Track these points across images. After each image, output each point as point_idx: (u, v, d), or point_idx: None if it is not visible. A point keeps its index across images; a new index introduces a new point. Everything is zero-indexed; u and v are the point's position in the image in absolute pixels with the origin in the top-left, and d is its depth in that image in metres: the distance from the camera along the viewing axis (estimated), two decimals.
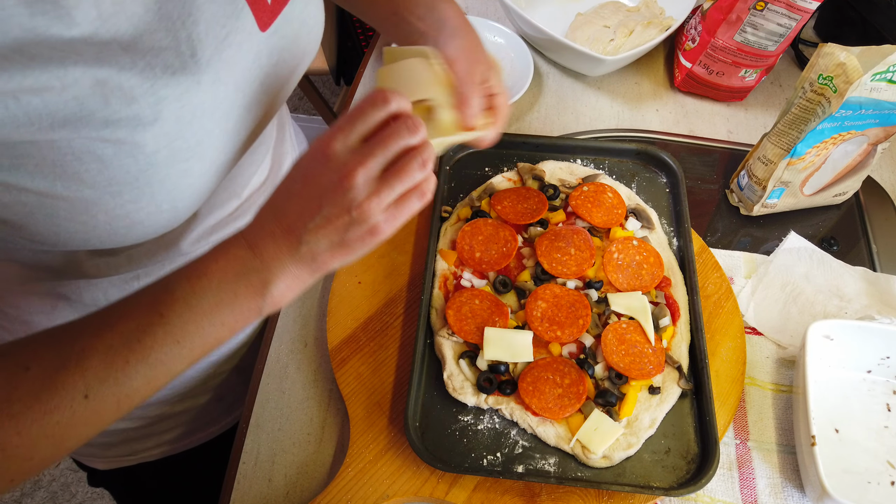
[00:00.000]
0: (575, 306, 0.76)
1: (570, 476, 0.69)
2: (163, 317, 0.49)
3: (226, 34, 0.53)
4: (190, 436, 0.90)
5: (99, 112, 0.46)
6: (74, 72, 0.44)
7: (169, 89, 0.49)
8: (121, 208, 0.52)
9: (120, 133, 0.48)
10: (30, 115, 0.43)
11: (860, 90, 0.76)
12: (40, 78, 0.43)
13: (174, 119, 0.50)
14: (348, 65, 1.98)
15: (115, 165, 0.49)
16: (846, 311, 0.82)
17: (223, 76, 0.53)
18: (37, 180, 0.47)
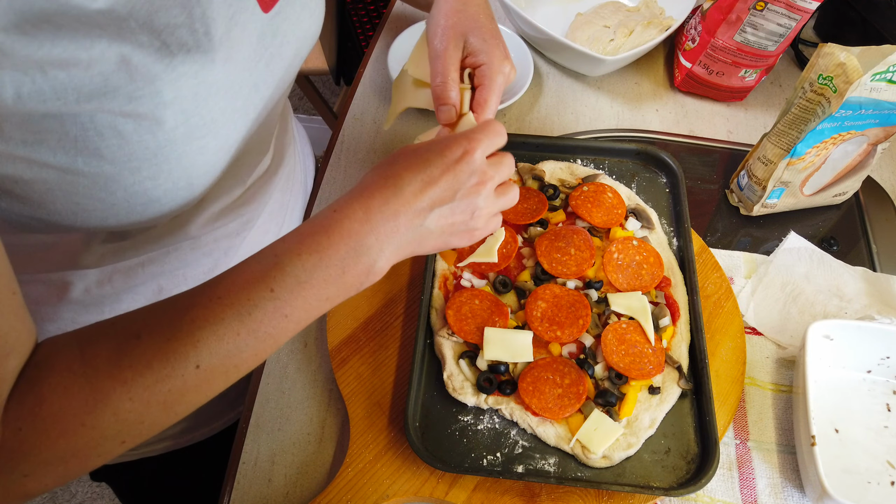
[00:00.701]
0: (575, 306, 0.76)
1: (569, 476, 0.69)
2: (273, 292, 0.50)
3: (233, 13, 0.54)
4: (193, 431, 0.90)
5: (123, 88, 0.47)
6: (100, 45, 0.45)
7: (186, 66, 0.50)
8: (139, 185, 0.52)
9: (141, 109, 0.49)
10: (56, 90, 0.44)
11: (860, 90, 0.76)
12: (68, 48, 0.43)
13: (191, 96, 0.51)
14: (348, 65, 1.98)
15: (135, 141, 0.50)
16: (846, 311, 0.82)
17: (233, 55, 0.55)
18: (58, 155, 0.48)
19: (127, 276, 0.69)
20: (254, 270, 0.51)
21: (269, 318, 0.50)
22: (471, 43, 0.68)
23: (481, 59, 0.68)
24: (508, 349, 0.73)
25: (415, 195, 0.54)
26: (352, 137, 1.02)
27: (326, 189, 0.95)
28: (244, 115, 0.59)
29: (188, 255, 0.72)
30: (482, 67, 0.68)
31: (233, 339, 0.49)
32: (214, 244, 0.74)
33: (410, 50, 1.08)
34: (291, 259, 0.51)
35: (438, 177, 0.54)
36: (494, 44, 0.68)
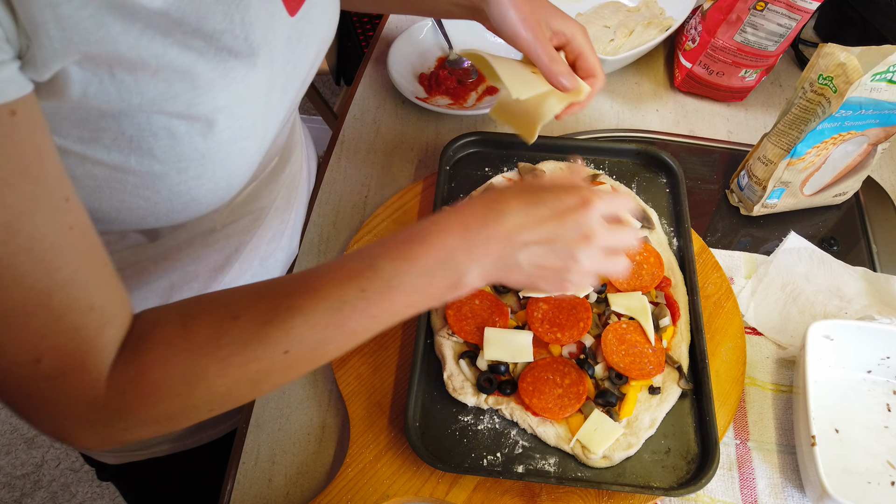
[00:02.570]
0: (576, 308, 0.76)
1: (570, 476, 0.69)
2: (364, 291, 0.52)
3: (267, 17, 0.55)
4: (200, 432, 0.90)
5: (185, 94, 0.49)
6: (171, 51, 0.46)
7: (235, 71, 0.52)
8: (184, 184, 0.54)
9: (198, 113, 0.50)
10: (121, 92, 0.46)
11: (860, 90, 0.76)
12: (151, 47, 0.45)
13: (238, 99, 0.53)
14: (348, 65, 1.98)
15: (186, 143, 0.51)
16: (846, 311, 0.82)
17: (269, 59, 0.56)
18: (112, 153, 0.50)
19: (139, 272, 0.70)
20: (349, 268, 0.53)
21: (358, 315, 0.52)
22: (553, 24, 0.71)
23: (566, 36, 0.71)
24: (508, 349, 0.73)
25: (516, 227, 0.54)
26: (352, 137, 1.02)
27: (326, 189, 0.95)
28: (276, 116, 0.61)
29: (200, 252, 0.72)
30: (571, 43, 0.72)
31: (321, 331, 0.51)
32: (225, 241, 0.74)
33: (410, 50, 1.08)
34: (385, 262, 0.53)
35: (545, 218, 0.55)
36: (568, 19, 0.72)
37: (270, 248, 0.83)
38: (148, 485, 0.99)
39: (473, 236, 0.54)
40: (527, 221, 0.54)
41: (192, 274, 0.74)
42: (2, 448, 1.97)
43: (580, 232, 0.55)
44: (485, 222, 0.54)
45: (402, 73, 1.05)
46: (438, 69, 1.08)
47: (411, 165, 0.98)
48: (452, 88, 1.05)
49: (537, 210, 0.55)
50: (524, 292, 0.78)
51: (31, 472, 1.93)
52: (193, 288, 0.75)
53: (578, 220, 0.55)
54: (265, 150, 0.61)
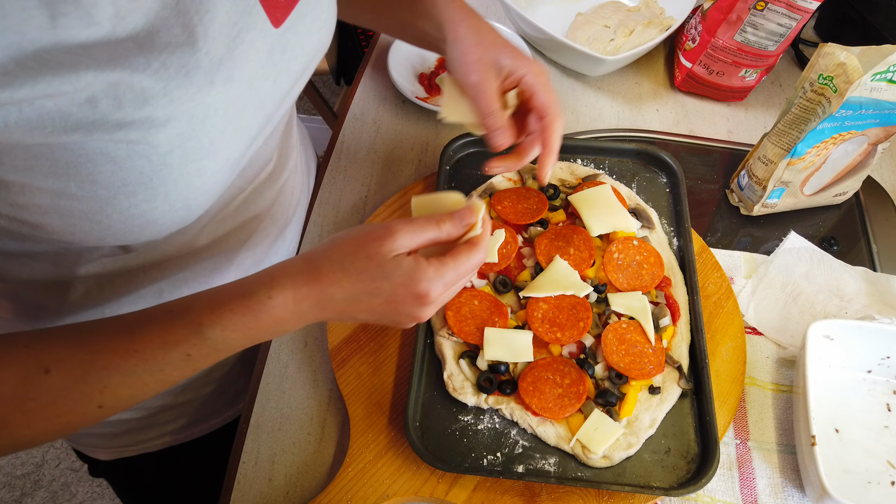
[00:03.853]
0: (576, 308, 0.76)
1: (570, 476, 0.69)
2: (189, 356, 0.52)
3: (238, 31, 0.53)
4: (192, 427, 0.90)
5: (112, 115, 0.46)
6: (87, 76, 0.44)
7: (182, 90, 0.49)
8: (135, 208, 0.52)
9: (133, 135, 0.48)
10: (42, 118, 0.44)
11: (860, 90, 0.76)
12: (52, 83, 0.43)
13: (187, 119, 0.50)
14: (348, 65, 1.98)
15: (129, 167, 0.49)
16: (846, 311, 0.82)
17: (236, 74, 0.54)
18: (50, 181, 0.48)
19: (128, 280, 0.69)
20: (175, 333, 0.52)
21: (180, 372, 0.53)
22: (504, 66, 0.69)
23: (520, 73, 0.69)
24: (508, 349, 0.73)
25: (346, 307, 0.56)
26: (352, 137, 1.02)
27: (327, 189, 0.95)
28: (246, 133, 0.58)
29: (188, 261, 0.72)
30: (522, 84, 0.70)
31: (140, 388, 0.52)
32: (216, 249, 0.74)
33: (410, 50, 1.08)
34: (214, 332, 0.52)
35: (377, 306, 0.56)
36: (521, 56, 0.70)
37: (265, 253, 0.82)
38: (142, 481, 0.99)
39: (304, 309, 0.55)
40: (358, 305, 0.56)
41: (181, 279, 0.73)
42: None
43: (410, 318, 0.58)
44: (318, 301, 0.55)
45: (402, 73, 1.05)
46: (438, 69, 1.08)
47: (411, 165, 0.98)
48: None
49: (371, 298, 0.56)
50: (524, 293, 0.78)
51: (31, 471, 1.93)
52: (184, 292, 0.73)
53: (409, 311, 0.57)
54: (231, 169, 0.58)
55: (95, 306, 0.70)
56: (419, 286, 0.55)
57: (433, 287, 0.56)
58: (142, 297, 0.72)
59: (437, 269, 0.56)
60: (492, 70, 0.69)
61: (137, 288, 0.71)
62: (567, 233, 0.82)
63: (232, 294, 0.54)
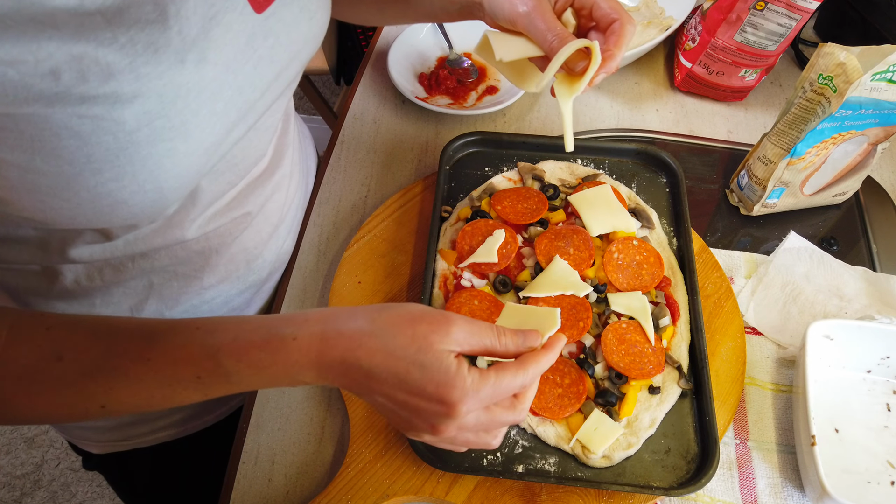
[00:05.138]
0: (576, 308, 0.76)
1: (569, 476, 0.69)
2: (199, 380, 0.51)
3: (214, 13, 0.52)
4: (185, 423, 0.90)
5: (75, 88, 0.46)
6: (49, 46, 0.44)
7: (150, 66, 0.48)
8: (102, 186, 0.51)
9: (97, 109, 0.47)
10: (5, 87, 0.43)
11: (860, 90, 0.76)
12: (11, 51, 0.42)
13: (156, 97, 0.50)
14: (348, 65, 1.98)
15: (94, 142, 0.49)
16: (846, 311, 0.82)
17: (211, 56, 0.53)
18: (16, 154, 0.47)
19: (117, 270, 0.69)
20: (190, 351, 0.51)
21: (188, 393, 0.52)
22: None
23: None
24: None
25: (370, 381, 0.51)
26: (352, 137, 1.02)
27: (326, 188, 0.95)
28: (224, 118, 0.57)
29: (179, 253, 0.71)
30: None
31: (146, 398, 0.52)
32: (206, 243, 0.73)
33: (410, 50, 1.08)
34: (229, 362, 0.51)
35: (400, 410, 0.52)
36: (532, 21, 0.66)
37: (258, 250, 0.81)
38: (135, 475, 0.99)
39: (325, 367, 0.51)
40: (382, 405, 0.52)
41: (171, 273, 0.73)
42: (2, 448, 1.97)
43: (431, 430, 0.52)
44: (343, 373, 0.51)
45: (402, 73, 1.06)
46: (438, 69, 1.08)
47: (411, 165, 0.98)
48: (452, 88, 1.05)
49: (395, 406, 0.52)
50: (524, 293, 0.78)
51: (31, 471, 1.93)
52: (174, 287, 0.74)
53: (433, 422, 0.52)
54: (207, 153, 0.57)
55: (86, 294, 0.70)
56: (451, 393, 0.50)
57: (465, 400, 0.50)
58: (131, 287, 0.71)
59: (476, 381, 0.51)
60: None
61: (126, 278, 0.70)
62: (567, 233, 0.82)
63: (259, 325, 0.52)
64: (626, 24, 0.65)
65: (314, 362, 0.51)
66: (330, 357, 0.51)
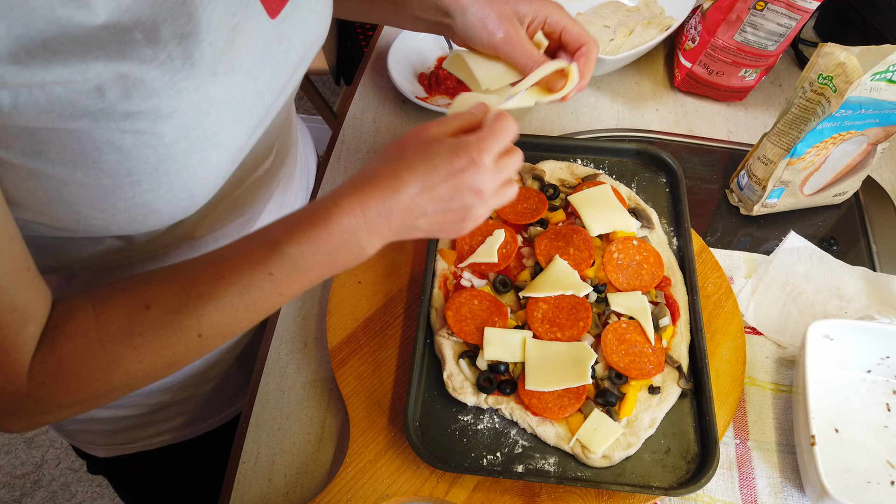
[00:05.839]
0: (576, 308, 0.76)
1: (569, 476, 0.69)
2: (272, 275, 0.54)
3: (236, 22, 0.54)
4: (190, 426, 0.90)
5: (119, 104, 0.47)
6: (96, 66, 0.45)
7: (187, 81, 0.50)
8: (139, 197, 0.54)
9: (139, 125, 0.49)
10: (52, 103, 0.45)
11: (860, 90, 0.76)
12: (62, 73, 0.44)
13: (192, 110, 0.52)
14: (348, 65, 1.98)
15: (134, 156, 0.51)
16: (846, 310, 0.82)
17: (235, 65, 0.55)
18: (57, 167, 0.49)
19: (125, 273, 0.69)
20: (255, 253, 0.54)
21: (266, 296, 0.55)
22: (523, 12, 0.70)
23: (542, 14, 0.71)
24: (508, 349, 0.73)
25: (411, 198, 0.55)
26: (352, 137, 1.02)
27: (326, 188, 0.95)
28: (247, 124, 0.59)
29: (187, 253, 0.72)
30: (549, 19, 0.71)
31: (232, 313, 0.54)
32: (214, 243, 0.74)
33: (410, 50, 1.08)
34: (290, 247, 0.54)
35: (439, 183, 0.56)
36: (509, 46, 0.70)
37: None
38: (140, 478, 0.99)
39: (372, 215, 0.55)
40: (421, 189, 0.55)
41: None
42: (2, 448, 1.97)
43: (472, 191, 0.57)
44: (382, 198, 0.55)
45: (402, 73, 1.06)
46: (438, 69, 1.08)
47: None
48: (452, 88, 1.05)
49: (430, 177, 0.55)
50: (524, 292, 0.78)
51: (30, 471, 1.93)
52: None
53: (470, 182, 0.56)
54: (233, 159, 0.60)
55: None
56: (470, 150, 0.56)
57: (483, 149, 0.56)
58: None
59: (477, 134, 0.57)
60: (514, 20, 0.70)
61: None
62: (567, 233, 0.82)
63: (302, 211, 0.56)
64: (594, 49, 0.71)
65: (362, 220, 0.55)
66: (373, 206, 0.55)
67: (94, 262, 0.67)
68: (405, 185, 0.55)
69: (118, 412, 0.83)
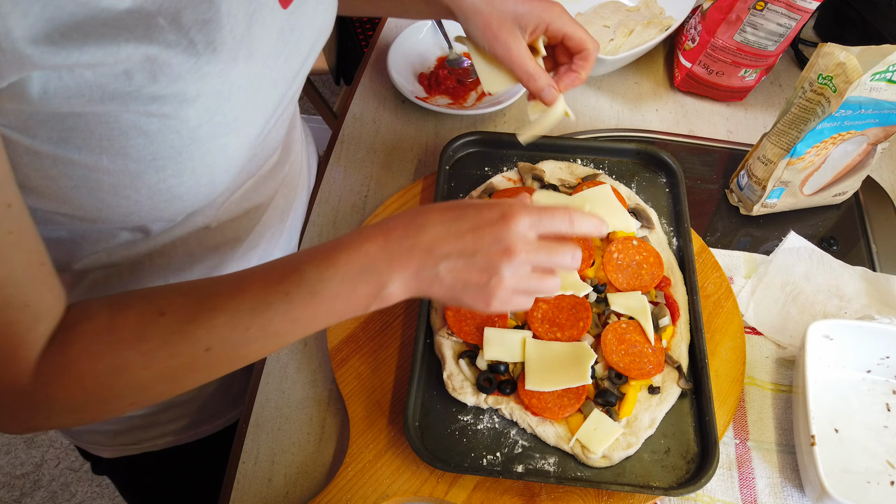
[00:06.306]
0: (576, 308, 0.76)
1: (569, 476, 0.69)
2: (287, 295, 0.53)
3: (253, 10, 0.54)
4: (195, 427, 0.90)
5: (147, 88, 0.48)
6: (127, 48, 0.46)
7: (211, 66, 0.51)
8: (163, 182, 0.54)
9: (166, 108, 0.50)
10: (81, 87, 0.45)
11: (860, 90, 0.76)
12: (96, 54, 0.45)
13: (215, 94, 0.52)
14: (348, 65, 1.98)
15: (160, 140, 0.51)
16: (846, 310, 0.82)
17: (254, 52, 0.55)
18: (84, 153, 0.50)
19: (133, 269, 0.70)
20: (275, 272, 0.55)
21: (280, 318, 0.53)
22: (524, 20, 0.70)
23: (543, 21, 0.71)
24: (508, 349, 0.73)
25: (434, 239, 0.55)
26: (352, 137, 1.02)
27: (326, 188, 0.95)
28: (263, 111, 0.60)
29: (195, 249, 0.72)
30: (551, 26, 0.71)
31: (244, 331, 0.53)
32: (221, 238, 0.74)
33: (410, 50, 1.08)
34: (309, 268, 0.54)
35: (464, 232, 0.55)
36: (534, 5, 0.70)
37: (269, 246, 0.83)
38: (144, 479, 0.99)
39: (394, 246, 0.54)
40: (446, 233, 0.55)
41: (187, 272, 0.74)
42: (2, 448, 1.97)
43: (500, 246, 0.54)
44: (405, 233, 0.55)
45: (402, 73, 1.06)
46: (438, 69, 1.08)
47: (411, 165, 0.98)
48: (452, 88, 1.05)
49: (457, 223, 0.55)
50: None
51: (30, 471, 1.93)
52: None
53: (497, 234, 0.54)
54: (251, 146, 0.61)
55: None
56: (503, 205, 0.55)
57: (518, 208, 0.54)
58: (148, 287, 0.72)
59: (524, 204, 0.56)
60: (515, 30, 0.70)
61: (142, 277, 0.71)
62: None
63: (329, 241, 0.57)
64: (594, 52, 0.73)
65: (383, 249, 0.54)
66: (396, 235, 0.55)
67: (105, 259, 0.67)
68: (430, 223, 0.55)
69: None
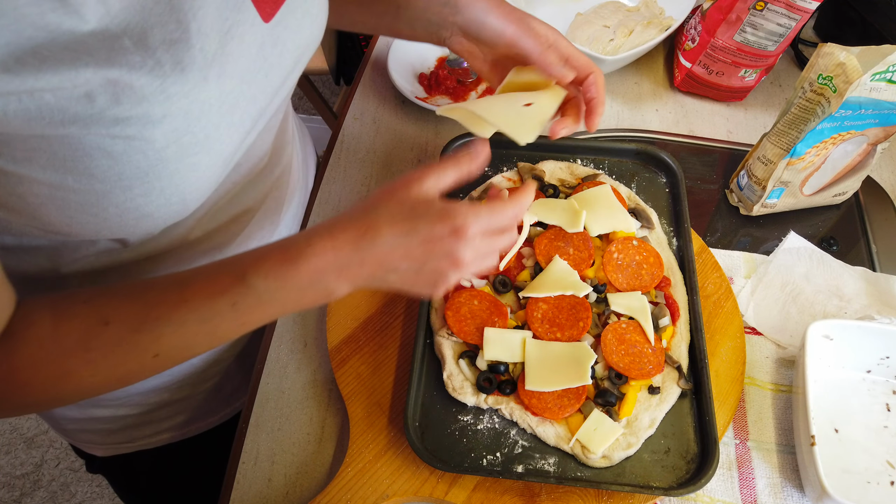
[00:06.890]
0: (576, 308, 0.76)
1: (569, 476, 0.69)
2: (235, 305, 0.53)
3: (228, 27, 0.53)
4: (189, 425, 0.90)
5: (109, 110, 0.47)
6: (86, 73, 0.45)
7: (178, 86, 0.50)
8: (131, 202, 0.53)
9: (130, 130, 0.49)
10: (41, 110, 0.45)
11: (860, 90, 0.76)
12: (52, 80, 0.44)
13: (183, 115, 0.51)
14: (348, 65, 1.98)
15: (125, 161, 0.50)
16: (846, 311, 0.82)
17: (228, 69, 0.54)
18: (48, 173, 0.49)
19: (121, 274, 0.69)
20: (220, 282, 0.54)
21: (227, 324, 0.54)
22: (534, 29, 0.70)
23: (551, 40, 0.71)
24: (508, 349, 0.73)
25: (385, 253, 0.54)
26: (352, 137, 1.02)
27: (326, 188, 0.95)
28: (240, 128, 0.59)
29: (182, 254, 0.72)
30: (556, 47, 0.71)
31: (191, 337, 0.54)
32: (208, 243, 0.74)
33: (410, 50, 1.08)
34: (257, 280, 0.53)
35: (416, 246, 0.54)
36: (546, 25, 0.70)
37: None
38: (139, 477, 0.99)
39: (344, 259, 0.54)
40: (397, 247, 0.54)
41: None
42: (2, 448, 1.97)
43: (449, 259, 0.55)
44: (356, 246, 0.54)
45: (402, 73, 1.06)
46: (438, 69, 1.08)
47: (411, 165, 0.98)
48: (452, 88, 1.05)
49: (408, 238, 0.54)
50: (524, 293, 0.78)
51: (30, 471, 1.93)
52: None
53: (448, 250, 0.55)
54: (225, 163, 0.59)
55: None
56: (455, 219, 0.54)
57: (470, 222, 0.54)
58: None
59: (471, 206, 0.55)
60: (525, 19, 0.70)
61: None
62: (567, 233, 0.82)
63: (274, 246, 0.56)
64: (601, 76, 0.72)
65: (333, 263, 0.54)
66: (345, 252, 0.54)
67: (88, 264, 0.67)
68: (381, 239, 0.54)
69: (117, 411, 0.83)
